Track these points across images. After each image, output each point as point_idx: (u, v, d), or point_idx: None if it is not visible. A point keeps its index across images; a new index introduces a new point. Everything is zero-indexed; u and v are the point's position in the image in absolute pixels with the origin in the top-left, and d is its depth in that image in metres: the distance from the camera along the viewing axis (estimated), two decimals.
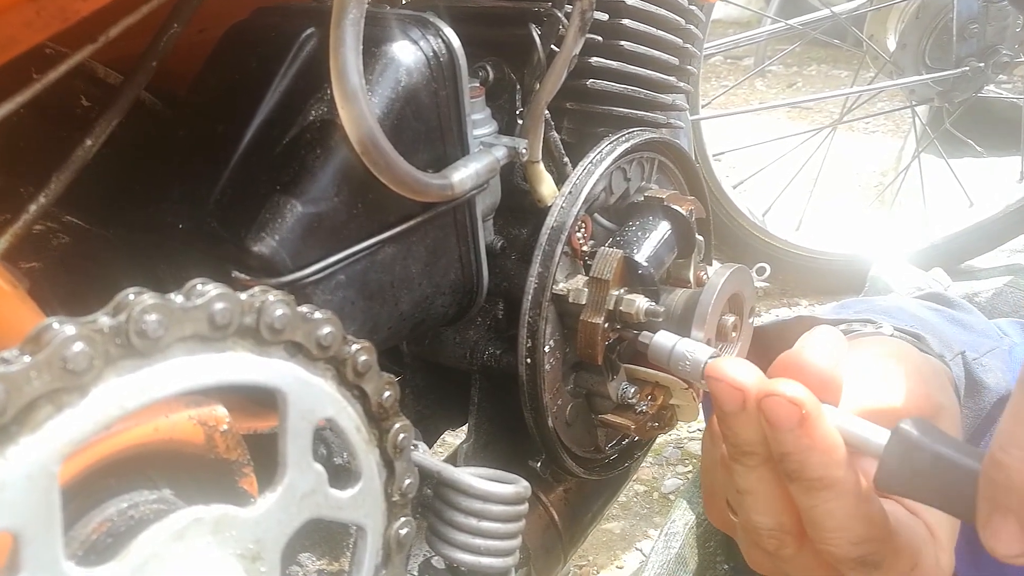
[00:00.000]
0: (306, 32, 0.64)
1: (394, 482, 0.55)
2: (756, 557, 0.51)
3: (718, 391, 0.45)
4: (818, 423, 0.43)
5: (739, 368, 0.45)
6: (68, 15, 0.50)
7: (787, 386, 0.43)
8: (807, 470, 0.43)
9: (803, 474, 0.43)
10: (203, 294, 0.42)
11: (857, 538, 0.44)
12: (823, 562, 0.47)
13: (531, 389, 0.75)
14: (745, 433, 0.45)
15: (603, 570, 1.49)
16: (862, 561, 0.45)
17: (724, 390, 0.45)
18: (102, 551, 0.45)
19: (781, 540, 0.47)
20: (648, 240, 0.78)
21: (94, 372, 0.38)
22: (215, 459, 0.50)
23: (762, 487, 0.47)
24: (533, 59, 0.74)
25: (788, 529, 0.47)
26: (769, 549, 0.48)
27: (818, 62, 4.33)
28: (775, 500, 0.47)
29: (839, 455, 0.43)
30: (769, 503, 0.47)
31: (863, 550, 0.45)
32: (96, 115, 0.60)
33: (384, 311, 0.65)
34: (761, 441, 0.45)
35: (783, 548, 0.48)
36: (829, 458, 0.43)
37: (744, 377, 0.44)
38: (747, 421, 0.45)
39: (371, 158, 0.57)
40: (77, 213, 0.67)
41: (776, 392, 0.43)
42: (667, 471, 1.73)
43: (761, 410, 0.43)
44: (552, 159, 0.79)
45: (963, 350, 0.64)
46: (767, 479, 0.47)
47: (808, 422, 0.42)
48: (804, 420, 0.42)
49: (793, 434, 0.43)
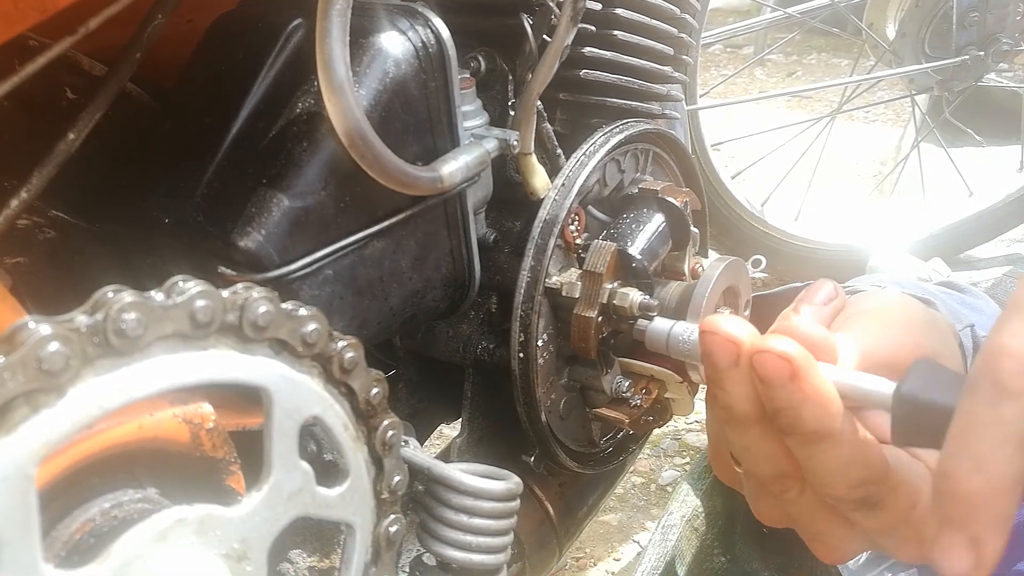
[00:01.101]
0: (293, 23, 0.63)
1: (383, 479, 0.54)
2: (762, 507, 0.53)
3: (712, 345, 0.45)
4: (809, 377, 0.43)
5: (734, 323, 0.45)
6: (47, 7, 0.49)
7: (777, 341, 0.43)
8: (801, 424, 0.44)
9: (798, 428, 0.44)
10: (184, 291, 0.42)
11: (855, 482, 0.45)
12: (826, 503, 0.48)
13: (524, 383, 0.75)
14: (737, 391, 0.46)
15: (600, 562, 1.48)
16: (862, 502, 0.46)
17: (718, 343, 0.45)
18: (85, 552, 0.44)
19: (784, 484, 0.48)
20: (642, 233, 0.77)
21: (71, 372, 0.37)
22: (201, 457, 0.50)
23: (759, 443, 0.48)
24: (525, 49, 0.73)
25: (790, 474, 0.48)
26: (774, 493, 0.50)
27: (818, 51, 4.31)
28: (774, 452, 0.48)
29: (834, 407, 0.44)
30: (768, 456, 0.48)
31: (862, 492, 0.45)
32: (80, 108, 0.60)
33: (374, 306, 0.64)
34: (754, 399, 0.45)
35: (787, 492, 0.49)
36: (823, 411, 0.43)
37: (738, 331, 0.45)
38: (740, 378, 0.45)
39: (358, 151, 0.56)
40: (63, 207, 0.66)
41: (766, 348, 0.43)
42: (664, 463, 1.72)
43: (753, 367, 0.44)
44: (545, 151, 0.78)
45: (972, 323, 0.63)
46: (763, 435, 0.47)
47: (799, 376, 0.43)
48: (795, 374, 0.43)
49: (785, 389, 0.43)
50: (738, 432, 0.48)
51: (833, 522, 0.49)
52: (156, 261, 0.62)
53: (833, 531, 0.49)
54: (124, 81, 0.61)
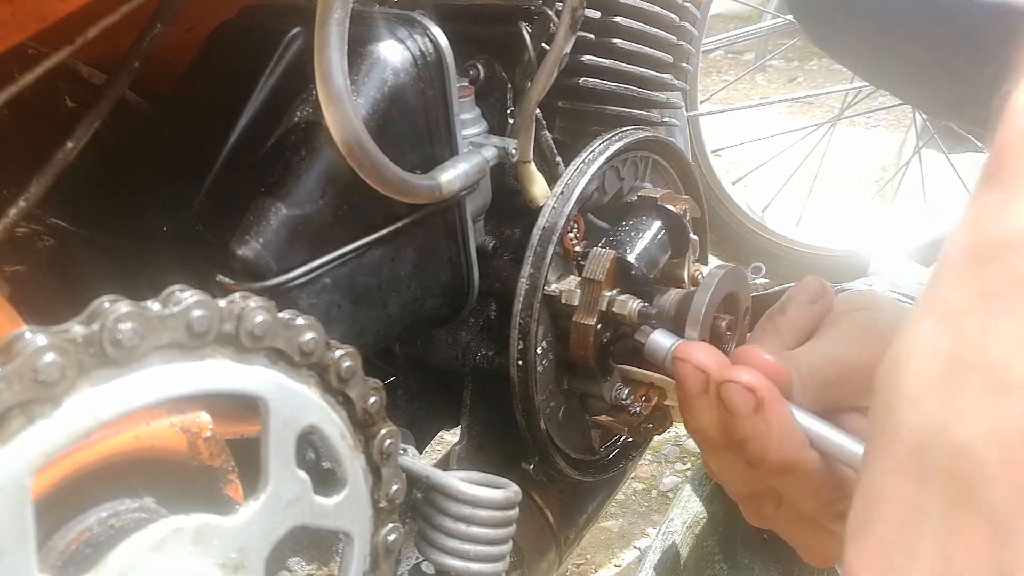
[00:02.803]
0: (292, 32, 0.63)
1: (381, 488, 0.54)
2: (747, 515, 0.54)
3: (683, 372, 0.47)
4: (773, 409, 0.44)
5: (704, 352, 0.46)
6: (45, 15, 0.49)
7: (742, 373, 0.44)
8: (767, 455, 0.45)
9: (764, 460, 0.45)
10: (180, 301, 0.42)
11: (828, 500, 0.46)
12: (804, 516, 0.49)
13: (523, 391, 0.75)
14: (707, 417, 0.47)
15: (601, 568, 1.48)
16: (837, 515, 0.47)
17: (688, 371, 0.46)
18: (81, 562, 0.44)
19: (759, 503, 0.50)
20: (641, 240, 0.77)
21: (67, 383, 0.37)
22: (199, 466, 0.49)
23: (731, 467, 0.49)
24: (523, 58, 0.73)
25: (763, 494, 0.49)
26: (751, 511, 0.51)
27: (819, 56, 4.30)
28: (745, 474, 0.49)
29: (797, 437, 0.45)
30: (742, 478, 0.49)
31: (836, 508, 0.46)
32: (80, 116, 0.60)
33: (372, 314, 0.64)
34: (722, 427, 0.46)
35: (763, 509, 0.50)
36: (787, 440, 0.44)
37: (708, 360, 0.46)
38: (708, 406, 0.46)
39: (356, 159, 0.56)
40: (63, 216, 0.66)
41: (731, 378, 0.44)
42: (666, 469, 1.72)
43: (719, 395, 0.45)
44: (544, 158, 0.78)
45: None
46: (734, 460, 0.48)
47: (764, 408, 0.44)
48: (759, 405, 0.43)
49: (749, 419, 0.44)
50: (710, 455, 0.49)
51: (813, 532, 0.49)
52: (155, 270, 0.62)
53: (815, 539, 0.50)
54: (123, 89, 0.61)
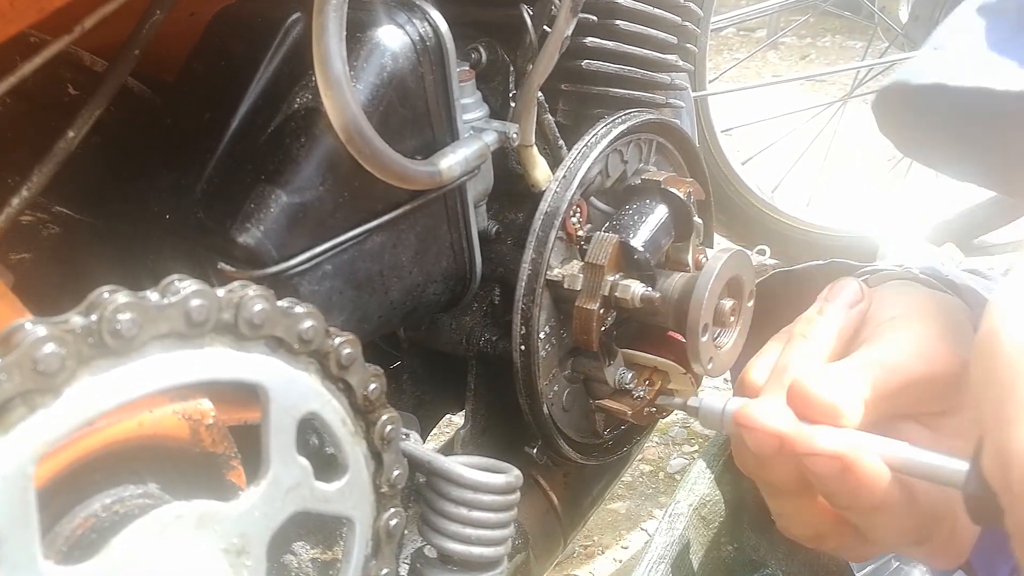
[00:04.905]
0: (292, 17, 0.63)
1: (382, 474, 0.55)
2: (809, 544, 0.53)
3: (753, 437, 0.45)
4: (861, 466, 0.43)
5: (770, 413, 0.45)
6: (44, 5, 0.49)
7: (823, 440, 0.43)
8: (857, 503, 0.44)
9: (854, 507, 0.45)
10: (179, 291, 0.42)
11: (908, 531, 0.46)
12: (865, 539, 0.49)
13: (526, 376, 0.75)
14: (780, 472, 0.46)
15: (608, 550, 1.49)
16: (913, 542, 0.47)
17: (759, 438, 0.45)
18: (86, 547, 0.45)
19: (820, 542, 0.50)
20: (645, 224, 0.77)
21: (67, 373, 0.38)
22: (201, 453, 0.50)
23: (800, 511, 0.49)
24: (525, 40, 0.73)
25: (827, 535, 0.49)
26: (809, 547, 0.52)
27: (832, 33, 4.26)
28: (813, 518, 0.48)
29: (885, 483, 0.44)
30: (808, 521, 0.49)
31: (913, 537, 0.47)
32: (82, 104, 0.60)
33: (374, 300, 0.64)
34: (798, 476, 0.46)
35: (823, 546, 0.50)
36: (877, 487, 0.44)
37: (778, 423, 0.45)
38: (783, 461, 0.45)
39: (356, 146, 0.56)
40: (66, 203, 0.66)
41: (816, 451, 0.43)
42: (673, 451, 1.72)
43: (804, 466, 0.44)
44: (546, 142, 0.78)
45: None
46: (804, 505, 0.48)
47: (852, 469, 0.43)
48: (847, 468, 0.43)
49: (837, 480, 0.43)
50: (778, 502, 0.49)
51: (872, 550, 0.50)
52: (158, 257, 0.62)
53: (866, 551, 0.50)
54: (124, 76, 0.61)
